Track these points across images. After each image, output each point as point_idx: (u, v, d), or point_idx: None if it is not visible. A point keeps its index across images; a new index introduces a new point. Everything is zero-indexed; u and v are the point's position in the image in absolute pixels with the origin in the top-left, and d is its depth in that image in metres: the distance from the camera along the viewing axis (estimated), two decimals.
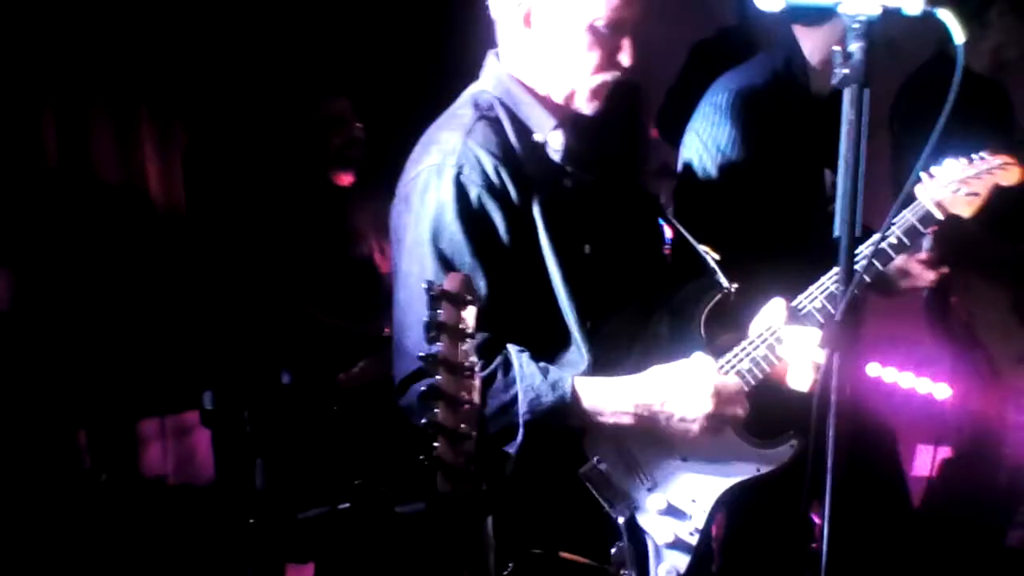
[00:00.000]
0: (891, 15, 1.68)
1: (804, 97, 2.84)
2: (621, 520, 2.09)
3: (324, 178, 3.69)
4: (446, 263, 2.04)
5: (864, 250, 2.26)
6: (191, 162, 3.93)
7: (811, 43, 2.81)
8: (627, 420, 2.09)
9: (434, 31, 4.17)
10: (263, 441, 3.39)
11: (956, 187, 2.41)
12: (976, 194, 2.43)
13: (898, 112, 3.46)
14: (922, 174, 2.41)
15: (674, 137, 2.98)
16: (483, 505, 1.68)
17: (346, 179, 3.75)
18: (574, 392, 2.06)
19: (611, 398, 2.09)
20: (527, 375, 2.02)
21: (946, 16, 1.66)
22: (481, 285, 2.04)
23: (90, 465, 3.63)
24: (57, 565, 3.23)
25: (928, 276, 2.72)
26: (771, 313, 2.24)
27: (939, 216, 2.39)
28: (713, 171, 2.77)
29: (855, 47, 1.68)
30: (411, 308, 2.08)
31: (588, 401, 2.07)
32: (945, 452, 3.87)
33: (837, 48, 1.69)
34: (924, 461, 3.96)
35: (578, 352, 2.14)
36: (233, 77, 3.93)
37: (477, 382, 1.64)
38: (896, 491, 3.09)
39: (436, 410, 1.61)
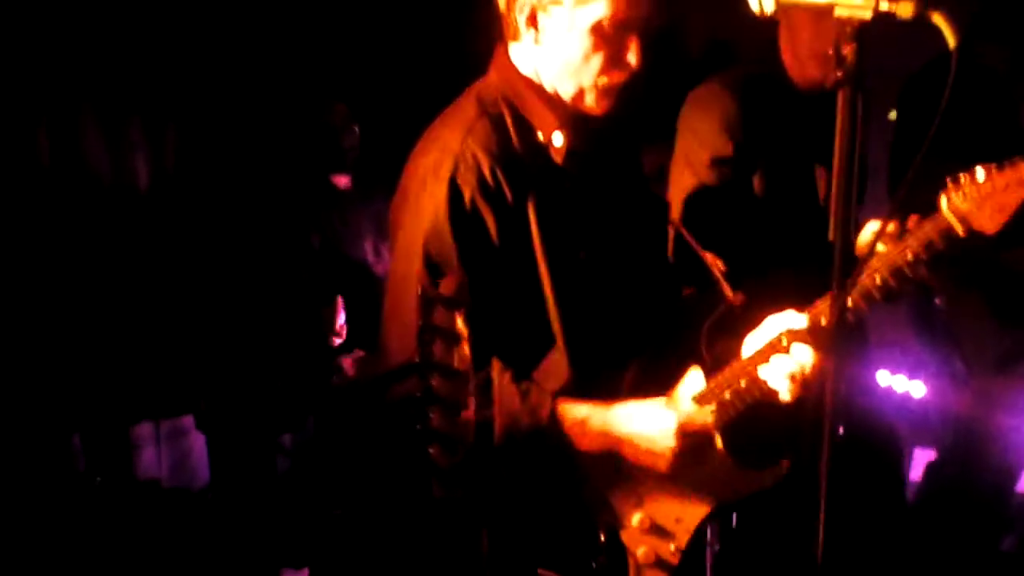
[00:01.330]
0: (885, 18, 1.68)
1: (792, 95, 2.83)
2: (603, 535, 2.08)
3: (322, 181, 3.69)
4: (433, 264, 2.03)
5: (876, 264, 2.15)
6: (186, 165, 3.92)
7: (796, 42, 2.80)
8: (597, 449, 2.09)
9: (434, 32, 4.16)
10: (258, 445, 3.39)
11: (982, 200, 2.20)
12: (1003, 209, 2.21)
13: (902, 106, 3.41)
14: (948, 180, 2.25)
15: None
16: (478, 513, 1.67)
17: (343, 181, 3.76)
18: (552, 418, 2.05)
19: (585, 426, 2.08)
20: (506, 398, 2.01)
21: (940, 20, 1.65)
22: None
23: (84, 468, 3.63)
24: (52, 568, 3.22)
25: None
26: (773, 326, 2.18)
27: (961, 232, 2.19)
28: (704, 174, 2.76)
29: (848, 50, 1.68)
30: (397, 306, 2.09)
31: (565, 427, 2.06)
32: (931, 455, 3.88)
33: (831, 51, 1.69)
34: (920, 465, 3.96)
35: (564, 361, 2.12)
36: (227, 79, 3.92)
37: (472, 387, 1.63)
38: (893, 497, 3.08)
39: (430, 415, 1.60)
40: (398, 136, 2.30)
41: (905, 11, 1.66)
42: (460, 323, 1.62)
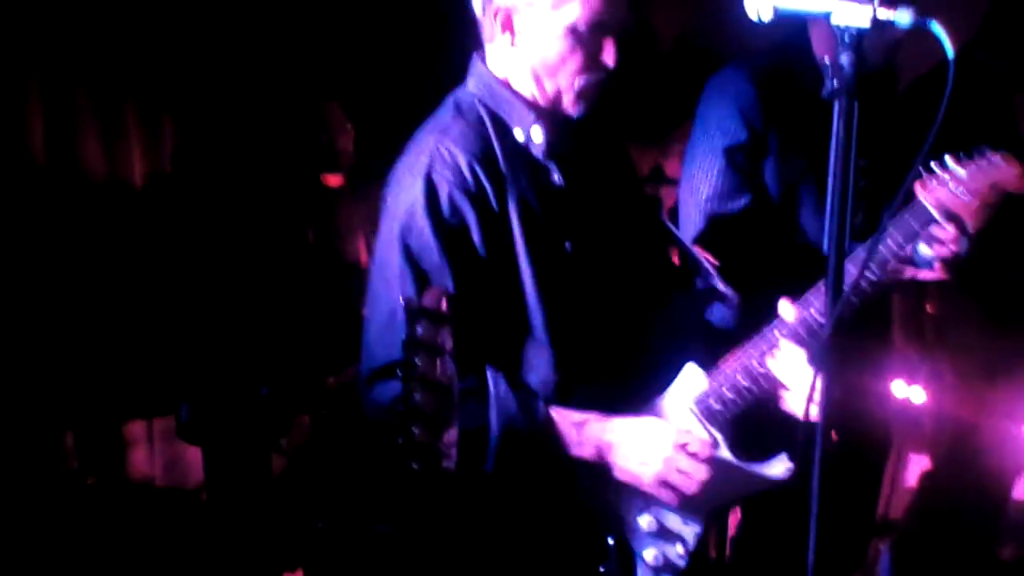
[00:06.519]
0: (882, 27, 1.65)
1: (812, 88, 2.76)
2: (611, 540, 2.05)
3: (313, 179, 3.67)
4: (413, 261, 2.02)
5: (860, 253, 2.16)
6: (181, 162, 3.90)
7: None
8: (591, 457, 2.05)
9: (428, 32, 4.13)
10: (242, 453, 3.37)
11: (956, 185, 2.23)
12: (975, 194, 2.24)
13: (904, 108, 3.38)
14: (922, 170, 2.24)
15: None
16: (464, 526, 1.65)
17: (334, 180, 3.74)
18: (547, 420, 2.02)
19: (581, 433, 2.05)
20: (502, 399, 1.98)
21: (938, 29, 1.62)
22: (448, 285, 2.01)
23: (77, 467, 3.61)
24: (43, 568, 3.20)
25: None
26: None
27: (938, 217, 2.22)
28: (723, 166, 2.71)
29: (844, 59, 1.65)
30: (375, 304, 2.08)
31: (561, 432, 2.04)
32: (925, 463, 3.85)
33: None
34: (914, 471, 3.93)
35: (547, 358, 2.09)
36: (222, 76, 3.90)
37: (457, 400, 1.61)
38: (866, 503, 3.07)
39: (414, 429, 1.57)
40: (394, 135, 2.28)
41: (903, 19, 1.64)
42: (445, 336, 1.60)
